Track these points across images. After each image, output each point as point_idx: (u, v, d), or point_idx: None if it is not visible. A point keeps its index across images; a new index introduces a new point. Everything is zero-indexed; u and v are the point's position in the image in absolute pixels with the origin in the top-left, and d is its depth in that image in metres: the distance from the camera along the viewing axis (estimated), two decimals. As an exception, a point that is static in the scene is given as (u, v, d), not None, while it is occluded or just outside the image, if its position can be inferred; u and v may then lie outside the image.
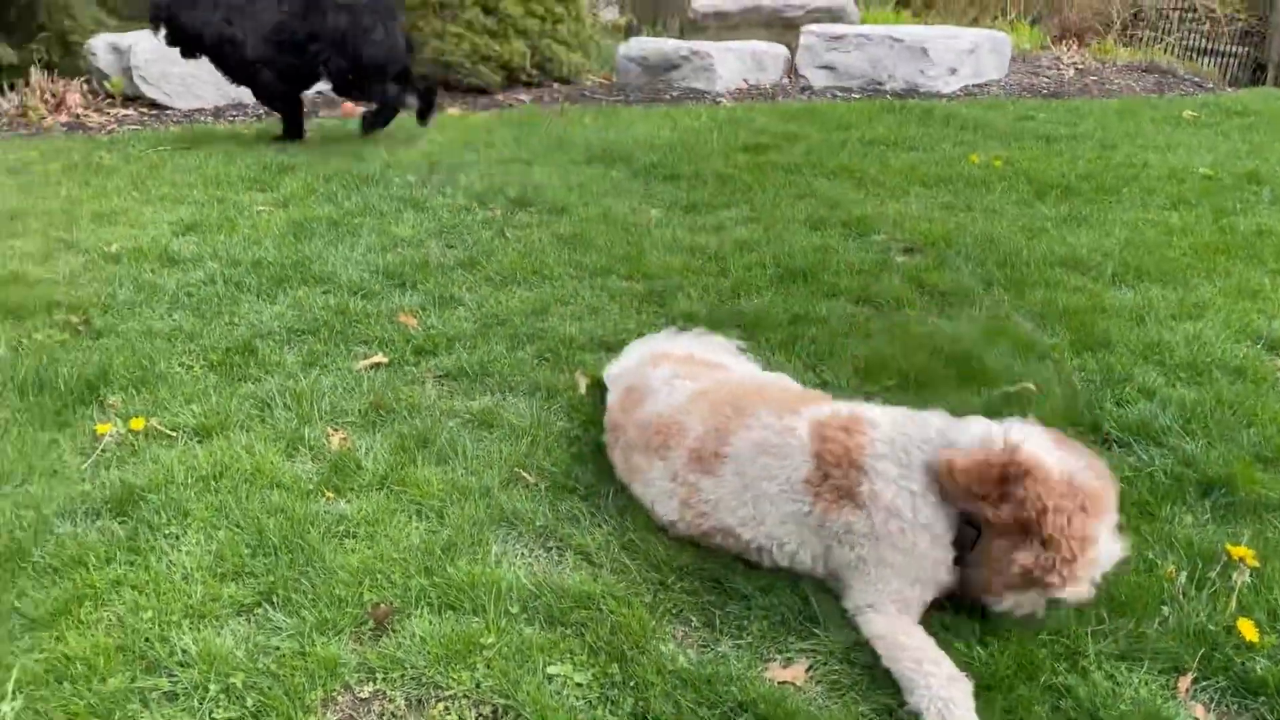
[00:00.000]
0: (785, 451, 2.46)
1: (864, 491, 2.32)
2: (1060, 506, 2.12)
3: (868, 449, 2.35)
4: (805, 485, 2.40)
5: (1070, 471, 2.18)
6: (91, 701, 2.05)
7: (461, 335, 3.73)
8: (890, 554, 2.30)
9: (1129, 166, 6.21)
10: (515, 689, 2.13)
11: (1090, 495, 2.16)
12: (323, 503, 2.73)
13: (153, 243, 4.51)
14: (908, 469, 2.31)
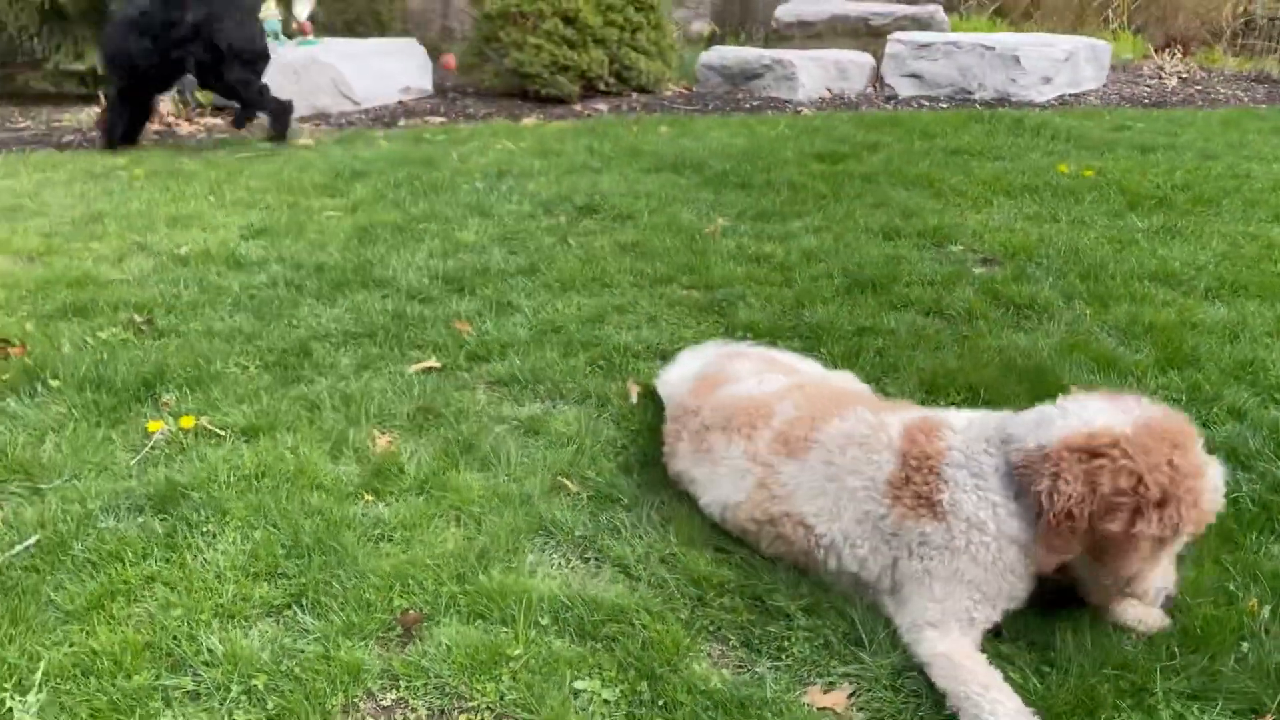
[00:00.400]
0: (875, 447, 2.33)
1: (944, 500, 2.18)
2: (1154, 463, 1.98)
3: (945, 455, 2.22)
4: (888, 486, 2.27)
5: (1140, 420, 2.05)
6: (115, 698, 2.03)
7: (515, 342, 3.68)
8: (969, 568, 2.16)
9: (1231, 178, 5.89)
10: (540, 704, 2.05)
11: (1171, 431, 2.04)
12: (361, 505, 2.70)
13: (221, 246, 4.59)
14: (981, 476, 2.17)
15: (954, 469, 2.18)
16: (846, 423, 2.39)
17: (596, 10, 8.64)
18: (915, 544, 2.20)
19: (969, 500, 2.15)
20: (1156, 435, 2.01)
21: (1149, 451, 1.98)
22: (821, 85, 9.15)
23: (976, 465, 2.18)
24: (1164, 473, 1.97)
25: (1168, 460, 1.98)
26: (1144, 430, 2.02)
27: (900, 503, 2.22)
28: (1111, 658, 2.16)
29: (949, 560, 2.16)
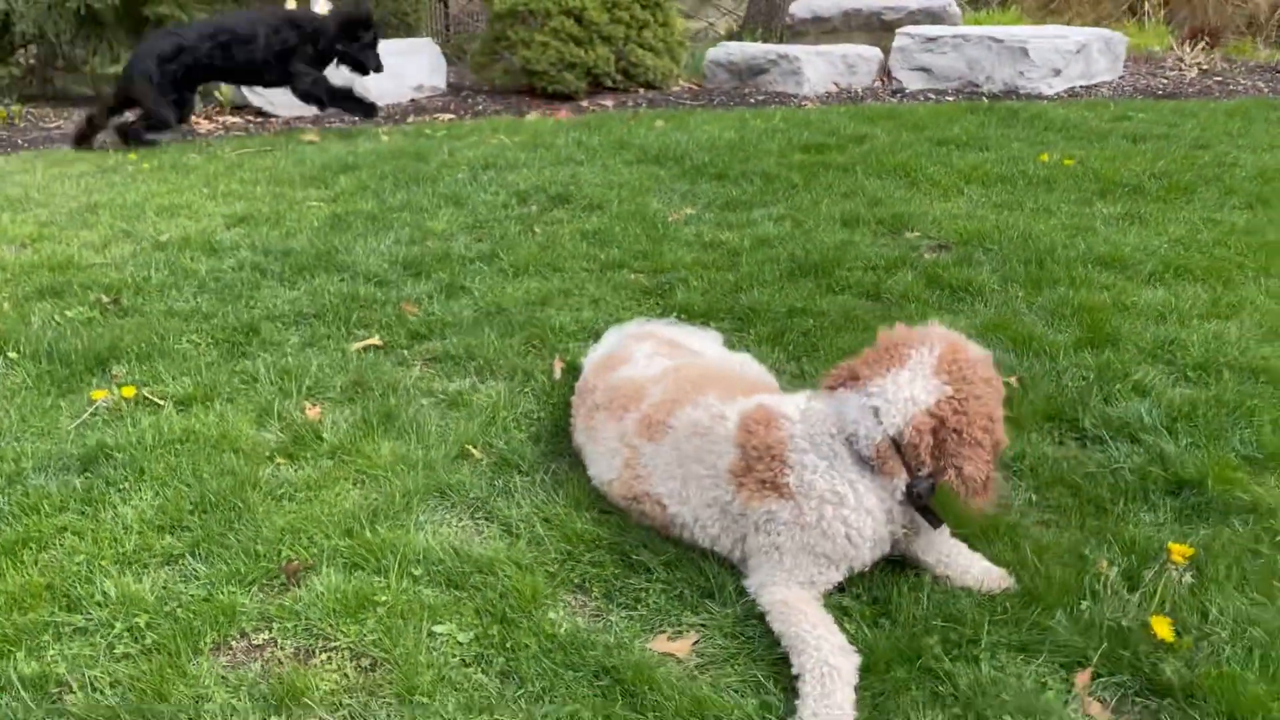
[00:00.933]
0: (715, 438, 2.45)
1: (790, 482, 2.28)
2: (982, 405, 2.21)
3: (788, 443, 2.32)
4: (730, 474, 2.38)
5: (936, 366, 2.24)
6: (7, 631, 2.22)
7: (458, 322, 3.84)
8: (819, 541, 2.25)
9: (1216, 166, 5.84)
10: (395, 643, 2.19)
11: (958, 356, 2.26)
12: (272, 468, 2.87)
13: (201, 233, 4.81)
14: (836, 458, 2.27)
15: (799, 454, 2.28)
16: (696, 411, 2.50)
17: (603, 8, 8.79)
18: (763, 522, 2.31)
19: (822, 480, 2.25)
20: (958, 374, 2.19)
21: (975, 394, 2.17)
22: (828, 80, 9.20)
23: (826, 449, 2.27)
24: (985, 401, 2.20)
25: (987, 381, 2.24)
26: (950, 377, 2.17)
27: (745, 488, 2.33)
28: (944, 612, 2.24)
29: (799, 535, 2.26)
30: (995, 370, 2.29)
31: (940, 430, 2.16)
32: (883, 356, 2.27)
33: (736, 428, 2.39)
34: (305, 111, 8.84)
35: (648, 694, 2.04)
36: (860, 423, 2.23)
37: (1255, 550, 2.44)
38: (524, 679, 2.11)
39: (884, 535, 2.29)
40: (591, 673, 2.11)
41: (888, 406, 2.20)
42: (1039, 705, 2.00)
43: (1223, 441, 2.88)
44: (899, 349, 2.25)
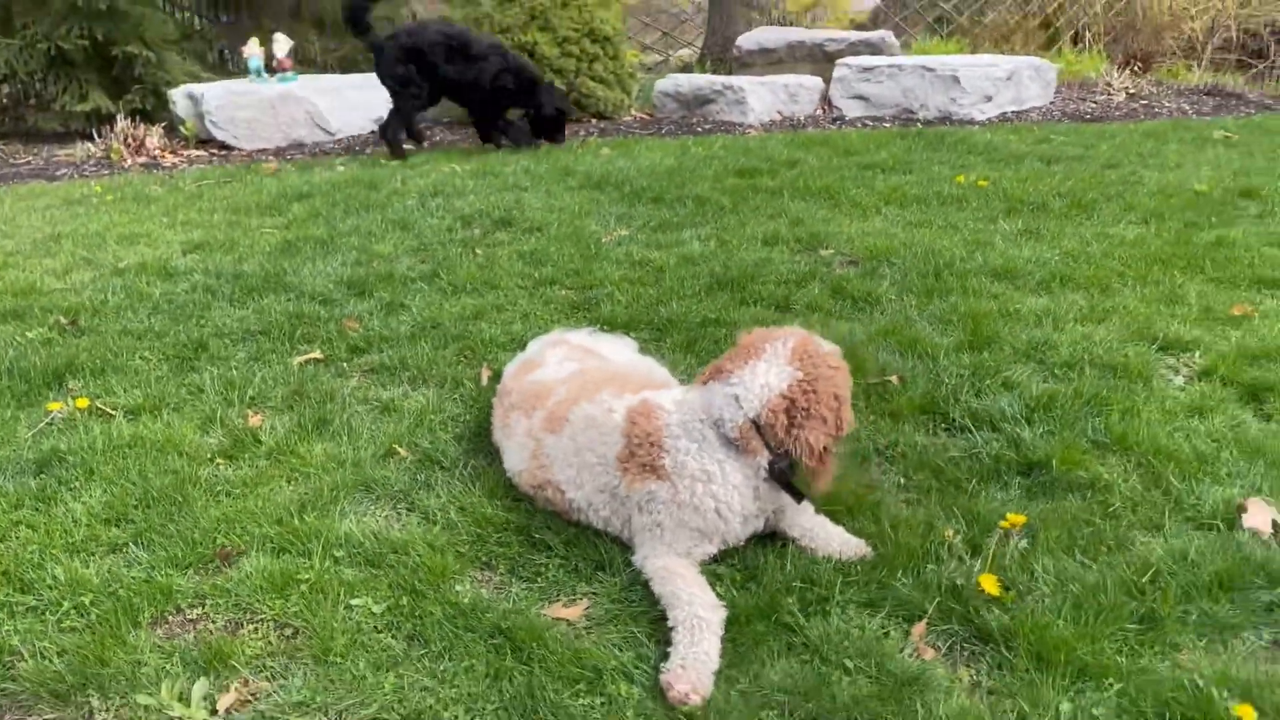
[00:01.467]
0: (605, 428, 2.74)
1: (666, 464, 2.57)
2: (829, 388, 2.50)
3: (665, 430, 2.62)
4: (617, 461, 2.67)
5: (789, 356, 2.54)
6: (-35, 610, 2.47)
7: (396, 336, 4.12)
8: (692, 517, 2.55)
9: (1121, 184, 6.23)
10: (314, 615, 2.46)
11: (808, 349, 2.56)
12: (213, 468, 3.14)
13: (158, 259, 5.08)
14: (704, 441, 2.56)
15: (673, 439, 2.58)
16: (591, 406, 2.80)
17: (554, 43, 9.15)
18: (644, 502, 2.60)
19: (693, 461, 2.55)
20: (808, 361, 2.51)
21: (821, 377, 2.49)
22: (772, 109, 9.58)
23: (697, 433, 2.57)
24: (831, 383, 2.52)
25: (832, 368, 2.54)
26: (800, 362, 2.50)
27: (629, 472, 2.62)
28: (804, 575, 2.54)
29: (675, 512, 2.55)
30: (842, 360, 2.59)
31: (792, 410, 2.47)
32: (743, 352, 2.57)
33: (623, 419, 2.69)
34: (266, 145, 9.14)
35: (535, 649, 2.32)
36: (725, 409, 2.53)
37: (1088, 520, 2.75)
38: (428, 641, 2.38)
39: (752, 510, 2.58)
40: (488, 634, 2.39)
41: (747, 393, 2.50)
42: (878, 650, 2.30)
43: (1076, 429, 3.20)
44: (757, 345, 2.56)
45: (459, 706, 2.19)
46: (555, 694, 2.19)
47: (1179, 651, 2.28)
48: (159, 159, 8.78)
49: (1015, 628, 2.33)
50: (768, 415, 2.48)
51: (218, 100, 9.00)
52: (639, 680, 2.25)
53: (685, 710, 2.14)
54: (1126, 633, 2.33)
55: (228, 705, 2.23)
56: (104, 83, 10.42)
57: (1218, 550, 2.60)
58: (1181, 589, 2.46)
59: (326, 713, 2.20)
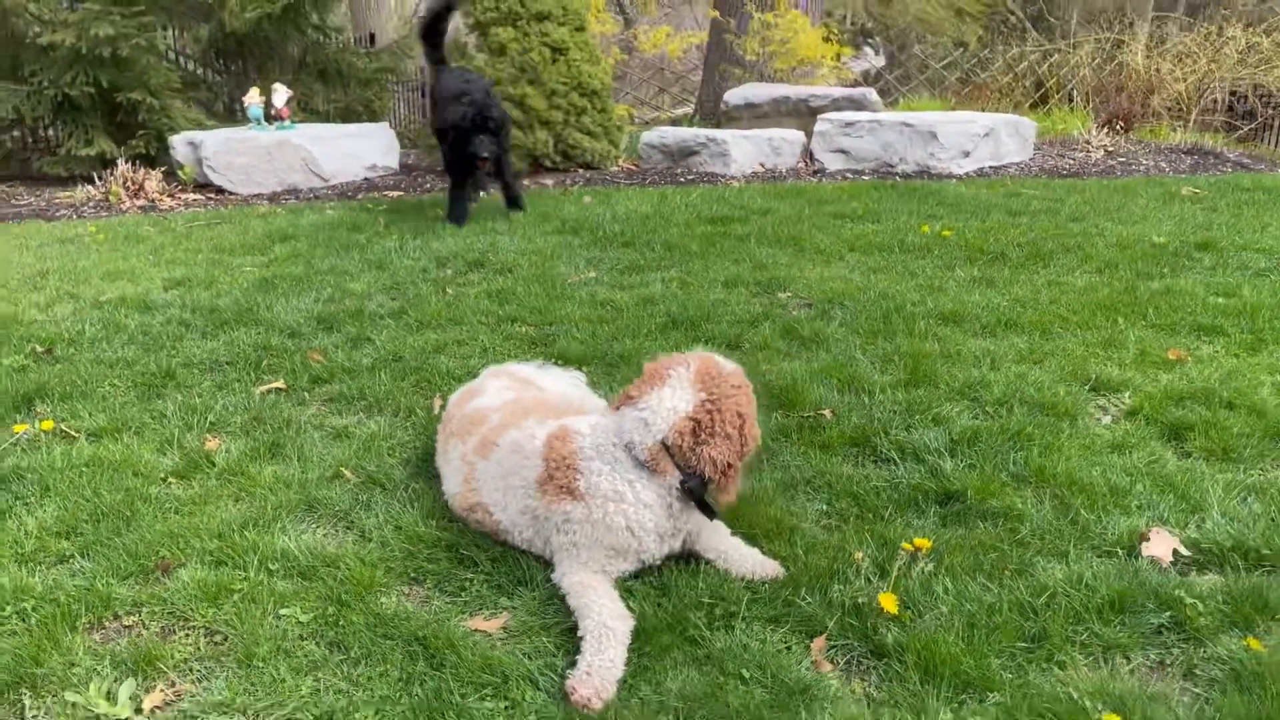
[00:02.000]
0: (527, 452, 2.87)
1: (581, 486, 2.70)
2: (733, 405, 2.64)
3: (579, 453, 2.75)
4: (537, 484, 2.80)
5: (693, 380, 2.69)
6: (-88, 614, 2.60)
7: (358, 368, 4.27)
8: (605, 535, 2.67)
9: (1081, 236, 6.39)
10: (243, 622, 2.58)
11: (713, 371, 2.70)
12: (164, 487, 3.27)
13: (138, 295, 5.26)
14: (615, 463, 2.69)
15: (587, 461, 2.72)
16: (517, 432, 2.93)
17: (542, 96, 9.42)
18: (561, 522, 2.73)
19: (605, 482, 2.68)
20: (715, 382, 2.67)
21: (727, 398, 2.64)
22: (754, 160, 9.82)
23: (609, 456, 2.70)
24: (736, 401, 2.66)
25: (735, 387, 2.69)
26: (706, 384, 2.65)
27: (547, 494, 2.75)
28: (713, 592, 2.65)
29: (590, 531, 2.68)
30: (744, 379, 2.72)
31: (698, 429, 2.60)
32: (651, 379, 2.71)
33: (543, 444, 2.82)
34: (261, 190, 9.39)
35: (448, 656, 2.43)
36: (635, 433, 2.66)
37: (995, 546, 2.86)
38: (348, 648, 2.49)
39: (666, 529, 2.70)
40: (405, 642, 2.50)
41: (654, 416, 2.63)
42: (775, 662, 2.40)
43: (996, 463, 3.32)
44: (662, 371, 2.70)
45: (369, 708, 2.29)
46: (462, 697, 2.30)
47: (1064, 669, 2.38)
48: (156, 202, 9.02)
49: (908, 643, 2.43)
50: (674, 437, 2.61)
51: (216, 146, 9.28)
52: (544, 687, 2.35)
53: (585, 715, 2.25)
54: (1016, 650, 2.44)
55: (152, 705, 2.34)
56: (109, 128, 10.73)
57: (1114, 575, 2.70)
58: (1074, 610, 2.56)
59: (245, 713, 2.30)
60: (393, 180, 9.93)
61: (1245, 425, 3.56)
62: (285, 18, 11.75)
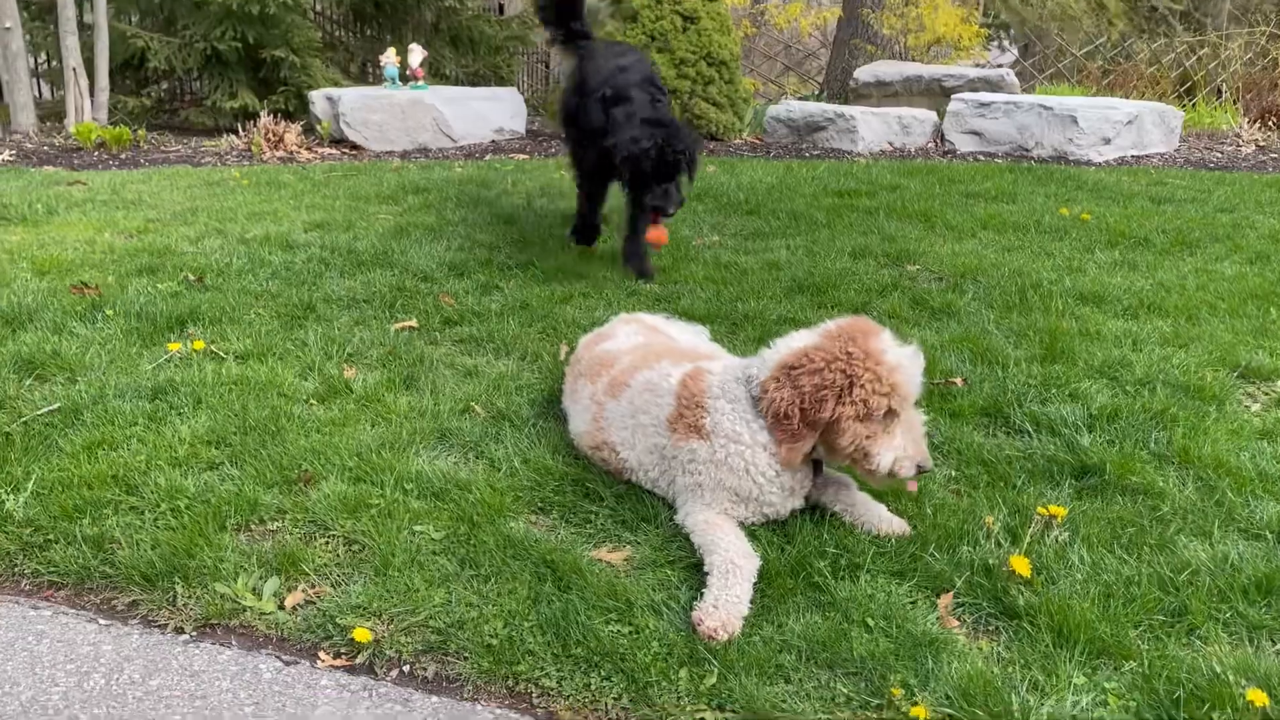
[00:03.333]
0: (660, 391, 2.90)
1: (707, 424, 2.72)
2: (835, 358, 2.53)
3: (707, 391, 2.76)
4: (667, 422, 2.83)
5: (825, 331, 2.61)
6: (78, 502, 2.77)
7: (487, 313, 4.36)
8: (728, 476, 2.68)
9: (1230, 226, 6.10)
10: (379, 534, 2.68)
11: (850, 330, 2.57)
12: (307, 407, 3.41)
13: (281, 234, 5.48)
14: (736, 402, 2.70)
15: (713, 400, 2.73)
16: (650, 373, 2.95)
17: (670, 64, 9.42)
18: (687, 461, 2.74)
19: (726, 420, 2.68)
20: (837, 337, 2.54)
21: (831, 351, 2.50)
22: (883, 139, 9.63)
23: (732, 394, 2.71)
24: (843, 363, 2.49)
25: (846, 353, 2.49)
26: (827, 337, 2.55)
27: (676, 433, 2.77)
28: (838, 543, 2.63)
29: (713, 471, 2.69)
30: (886, 355, 2.57)
31: (791, 370, 2.57)
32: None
33: (677, 383, 2.84)
34: (393, 148, 9.64)
35: (574, 580, 2.48)
36: (754, 367, 2.66)
37: (1134, 521, 2.77)
38: (479, 565, 2.57)
39: (786, 476, 2.67)
40: (534, 564, 2.56)
41: (773, 355, 2.63)
42: (900, 614, 2.38)
43: (1137, 440, 3.20)
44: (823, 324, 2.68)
45: (498, 621, 2.35)
46: (587, 619, 2.34)
47: (1205, 644, 2.30)
48: (295, 154, 9.35)
49: (1040, 606, 2.37)
50: (769, 374, 2.60)
51: (352, 103, 9.56)
52: (667, 617, 2.37)
53: (709, 646, 2.26)
54: (1154, 622, 2.36)
55: (294, 603, 2.45)
56: (252, 83, 11.17)
57: (1262, 558, 2.59)
58: (1217, 589, 2.47)
59: (380, 616, 2.39)
60: (518, 144, 10.08)
61: None
62: (422, -20, 12.02)
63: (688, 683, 2.18)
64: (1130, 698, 2.12)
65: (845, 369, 2.52)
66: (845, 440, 2.57)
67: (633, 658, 2.23)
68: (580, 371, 3.27)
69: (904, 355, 2.55)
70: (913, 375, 2.55)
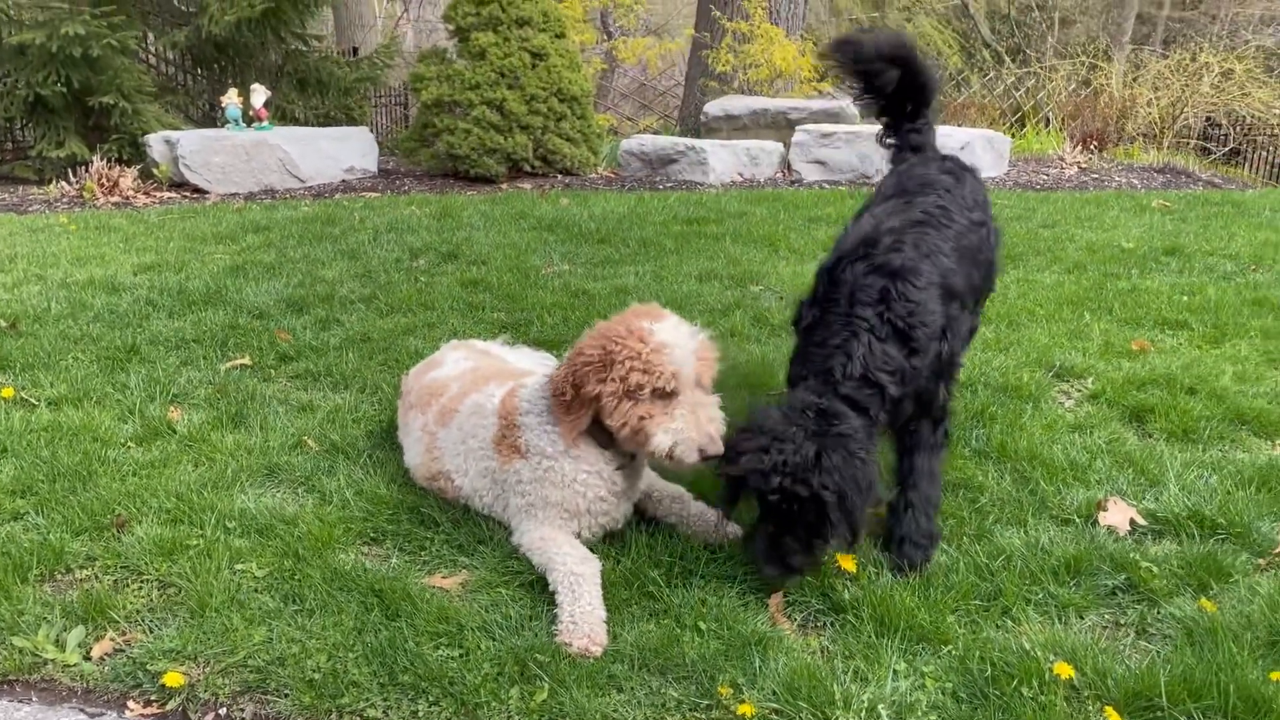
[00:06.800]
0: (485, 413, 2.86)
1: (523, 442, 2.70)
2: (599, 340, 2.55)
3: (519, 408, 2.75)
4: (493, 444, 2.79)
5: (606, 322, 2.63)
6: None
7: (325, 348, 4.25)
8: (552, 492, 2.65)
9: (1052, 240, 6.46)
10: (197, 576, 2.55)
11: (625, 317, 2.58)
12: (124, 451, 3.24)
13: (106, 277, 5.23)
14: (542, 415, 2.69)
15: (524, 416, 2.72)
16: (478, 396, 2.92)
17: (522, 100, 9.46)
18: (515, 483, 2.72)
19: (536, 436, 2.67)
20: (614, 322, 2.59)
21: (598, 335, 2.57)
22: (733, 170, 9.88)
23: (538, 407, 2.70)
24: (606, 343, 2.53)
25: (609, 336, 2.54)
26: (602, 325, 2.61)
27: (501, 453, 2.74)
28: (671, 551, 2.65)
29: (539, 490, 2.67)
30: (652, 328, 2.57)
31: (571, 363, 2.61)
32: None
33: (499, 402, 2.82)
34: (238, 189, 9.35)
35: (404, 607, 2.41)
36: (555, 368, 2.68)
37: (954, 514, 2.87)
38: (303, 599, 2.47)
39: (608, 481, 2.67)
40: (361, 594, 2.48)
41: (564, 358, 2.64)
42: (732, 616, 2.40)
43: (960, 438, 3.34)
44: None
45: (321, 655, 2.27)
46: (416, 645, 2.28)
47: (1017, 624, 2.39)
48: (131, 199, 8.96)
49: (864, 599, 2.43)
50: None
51: (192, 145, 9.24)
52: (500, 636, 2.33)
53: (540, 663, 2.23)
54: (970, 607, 2.45)
55: (102, 652, 2.31)
56: (82, 130, 10.63)
57: (1071, 540, 2.72)
58: (1029, 572, 2.58)
59: (195, 659, 2.28)
60: (370, 182, 9.93)
61: (1206, 409, 3.60)
62: (264, 23, 11.69)
63: (519, 701, 2.14)
64: (946, 679, 2.19)
65: (605, 347, 2.53)
66: (615, 420, 2.54)
67: (462, 680, 2.18)
68: (411, 403, 3.21)
69: (673, 336, 2.53)
70: (679, 356, 2.50)
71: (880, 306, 2.56)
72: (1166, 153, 13.25)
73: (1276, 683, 2.13)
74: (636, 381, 2.47)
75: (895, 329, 2.55)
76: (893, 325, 2.55)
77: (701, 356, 2.58)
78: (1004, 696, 2.11)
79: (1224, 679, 2.12)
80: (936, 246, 2.70)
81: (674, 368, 2.48)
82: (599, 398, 2.52)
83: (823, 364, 2.58)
